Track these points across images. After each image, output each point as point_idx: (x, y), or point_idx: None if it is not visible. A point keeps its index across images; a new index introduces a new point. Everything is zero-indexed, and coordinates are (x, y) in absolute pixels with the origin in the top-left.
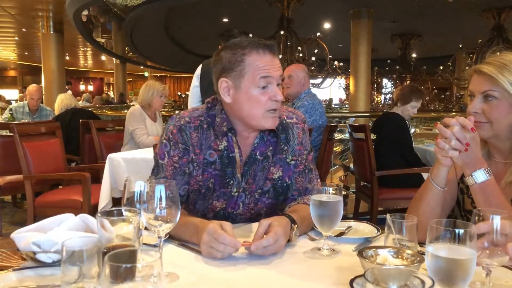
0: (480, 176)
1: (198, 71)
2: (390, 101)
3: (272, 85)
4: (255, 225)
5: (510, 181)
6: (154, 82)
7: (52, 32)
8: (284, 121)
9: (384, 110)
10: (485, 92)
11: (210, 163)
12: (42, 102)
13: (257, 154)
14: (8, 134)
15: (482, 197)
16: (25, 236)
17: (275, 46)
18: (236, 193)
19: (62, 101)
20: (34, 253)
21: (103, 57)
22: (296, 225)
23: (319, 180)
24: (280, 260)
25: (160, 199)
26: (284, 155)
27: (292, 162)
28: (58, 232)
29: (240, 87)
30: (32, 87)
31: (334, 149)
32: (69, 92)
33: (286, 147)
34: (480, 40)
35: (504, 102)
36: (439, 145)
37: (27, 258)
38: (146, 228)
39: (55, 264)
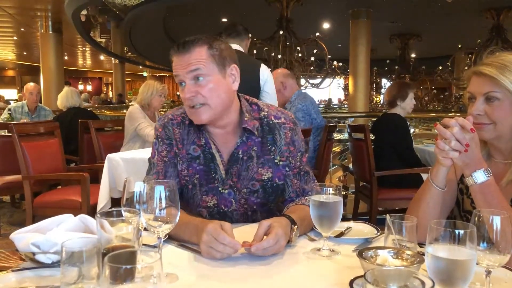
0: (480, 176)
1: None
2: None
3: (185, 83)
4: (254, 226)
5: (511, 180)
6: (154, 82)
7: (50, 32)
8: (271, 122)
9: (383, 111)
10: (487, 94)
11: (195, 157)
12: (40, 102)
13: (239, 153)
14: (7, 134)
15: (482, 197)
16: (24, 237)
17: (189, 41)
18: (225, 190)
19: (68, 100)
20: (33, 253)
21: (102, 57)
22: (296, 226)
23: (316, 182)
24: (280, 260)
25: (160, 199)
26: (272, 156)
27: (281, 162)
28: (57, 233)
29: None
30: (30, 84)
31: (333, 149)
32: (75, 89)
33: (273, 148)
34: (479, 40)
35: (507, 102)
36: (439, 146)
37: (26, 258)
38: (145, 229)
39: (54, 265)
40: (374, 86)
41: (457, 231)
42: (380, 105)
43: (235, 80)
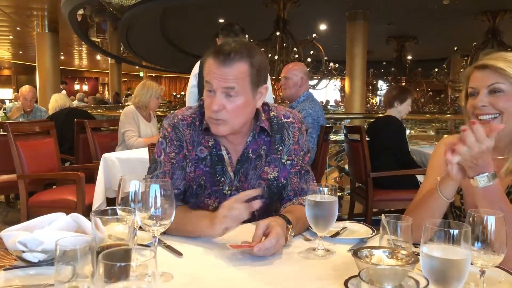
0: (482, 180)
1: (196, 69)
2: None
3: (215, 93)
4: (249, 226)
5: (510, 171)
6: (152, 83)
7: (47, 32)
8: (280, 121)
9: (380, 113)
10: (492, 85)
11: (201, 159)
12: (36, 102)
13: (250, 152)
14: (2, 133)
15: (484, 201)
16: (12, 235)
17: (233, 55)
18: (229, 192)
19: (56, 101)
20: (22, 252)
21: (98, 57)
22: (291, 226)
23: (315, 181)
24: (275, 260)
25: (155, 198)
26: (279, 155)
27: (288, 162)
28: (44, 231)
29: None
30: (24, 88)
31: (329, 150)
32: (63, 92)
33: (281, 147)
34: (475, 43)
35: (511, 93)
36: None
37: (15, 257)
38: (140, 228)
39: (41, 264)
40: (370, 87)
41: (451, 231)
42: (376, 107)
43: (261, 97)
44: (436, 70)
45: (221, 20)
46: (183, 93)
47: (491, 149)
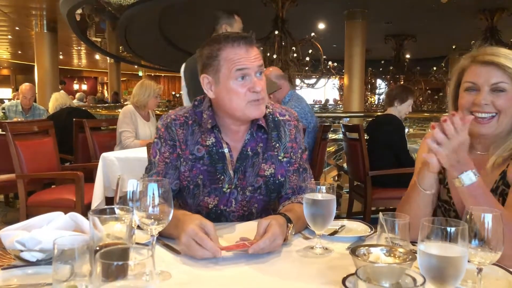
0: (467, 178)
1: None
2: (383, 102)
3: (250, 77)
4: (246, 224)
5: (498, 163)
6: (150, 82)
7: (45, 31)
8: (276, 118)
9: (378, 112)
10: (496, 84)
11: (198, 158)
12: (35, 101)
13: (248, 150)
14: (1, 133)
15: (471, 198)
16: (10, 234)
17: (251, 37)
18: (228, 190)
19: (57, 100)
20: (21, 251)
21: (97, 56)
22: (292, 224)
23: (313, 179)
24: (273, 259)
25: (153, 197)
26: (276, 152)
27: (285, 159)
28: (42, 231)
29: (219, 82)
30: (24, 86)
31: (328, 149)
32: (63, 91)
33: (277, 144)
34: (473, 41)
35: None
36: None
37: (13, 256)
38: (138, 227)
39: (39, 263)
40: (369, 86)
41: (448, 229)
42: (374, 105)
43: None
44: (435, 68)
45: None
46: (182, 92)
47: (468, 144)
